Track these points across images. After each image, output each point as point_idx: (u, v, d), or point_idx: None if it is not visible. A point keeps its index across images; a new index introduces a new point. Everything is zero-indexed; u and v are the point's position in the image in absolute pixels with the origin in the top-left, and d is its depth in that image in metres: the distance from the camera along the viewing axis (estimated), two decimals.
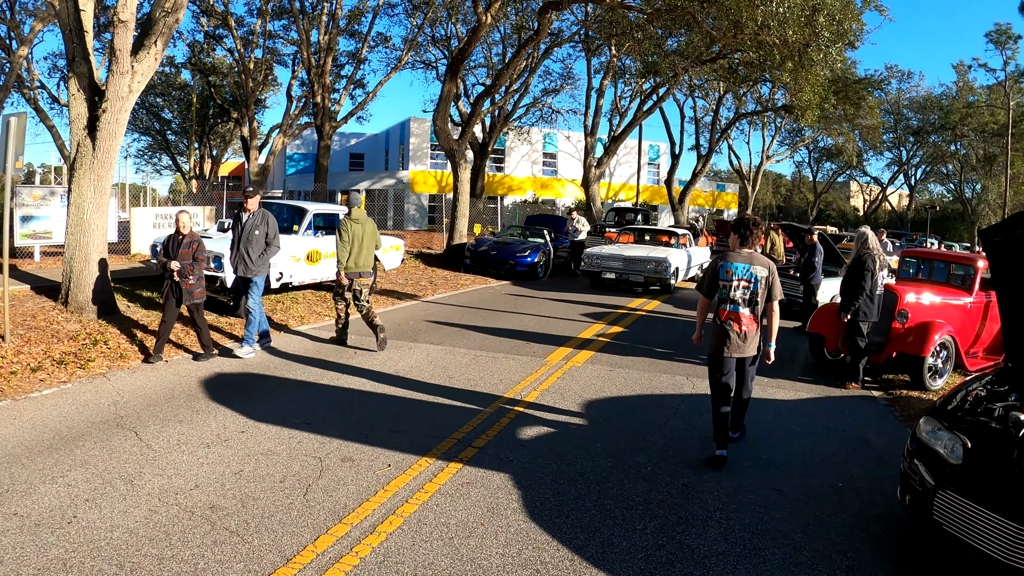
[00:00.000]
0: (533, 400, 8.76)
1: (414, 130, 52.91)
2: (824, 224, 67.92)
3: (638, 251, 21.18)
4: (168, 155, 57.37)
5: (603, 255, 21.05)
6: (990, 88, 57.89)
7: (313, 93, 31.81)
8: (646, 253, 20.80)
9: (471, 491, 5.89)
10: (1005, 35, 52.00)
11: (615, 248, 22.06)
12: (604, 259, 20.90)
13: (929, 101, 62.11)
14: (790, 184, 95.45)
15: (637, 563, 4.81)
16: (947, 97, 61.54)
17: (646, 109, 38.60)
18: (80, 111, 11.84)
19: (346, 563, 4.65)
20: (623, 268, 20.53)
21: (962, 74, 60.90)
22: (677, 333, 14.03)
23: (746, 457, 7.03)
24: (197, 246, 10.04)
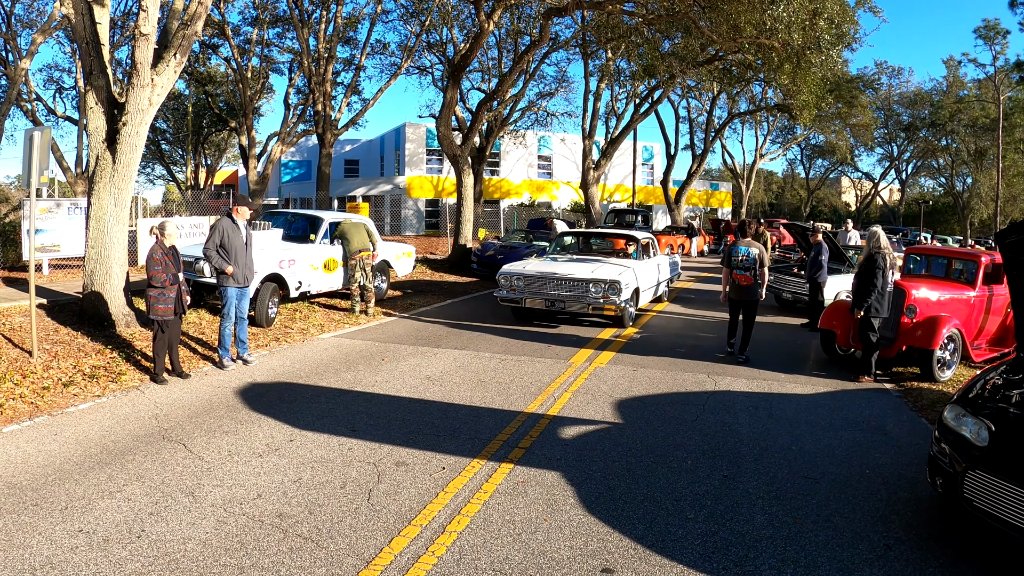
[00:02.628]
0: (566, 401, 9.05)
1: (409, 135, 53.00)
2: (816, 221, 68.30)
3: (577, 268, 14.21)
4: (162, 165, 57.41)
5: (526, 274, 14.20)
6: (980, 83, 58.37)
7: (314, 101, 31.94)
8: (589, 271, 13.89)
9: (528, 489, 6.16)
10: (994, 30, 52.52)
11: (543, 264, 14.98)
12: (528, 281, 14.14)
13: (919, 96, 62.53)
14: (782, 181, 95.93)
15: (696, 548, 5.11)
16: (938, 92, 61.99)
17: (643, 111, 38.90)
18: (98, 124, 11.94)
19: (425, 563, 4.87)
20: (556, 294, 13.86)
21: (952, 69, 61.41)
22: (692, 332, 14.45)
23: (777, 449, 7.32)
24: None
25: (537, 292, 14.09)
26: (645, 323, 15.31)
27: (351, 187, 52.61)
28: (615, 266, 14.52)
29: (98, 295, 11.79)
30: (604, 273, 13.80)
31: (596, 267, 14.31)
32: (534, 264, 15.01)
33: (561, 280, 13.94)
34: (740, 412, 8.70)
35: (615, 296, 13.44)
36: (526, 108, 40.00)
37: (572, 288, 13.82)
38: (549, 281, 14.06)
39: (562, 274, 13.96)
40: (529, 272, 14.24)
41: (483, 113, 26.41)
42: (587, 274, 13.78)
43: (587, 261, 15.21)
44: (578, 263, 14.90)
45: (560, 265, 14.65)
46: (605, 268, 14.21)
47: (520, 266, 14.76)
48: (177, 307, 9.64)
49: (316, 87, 31.42)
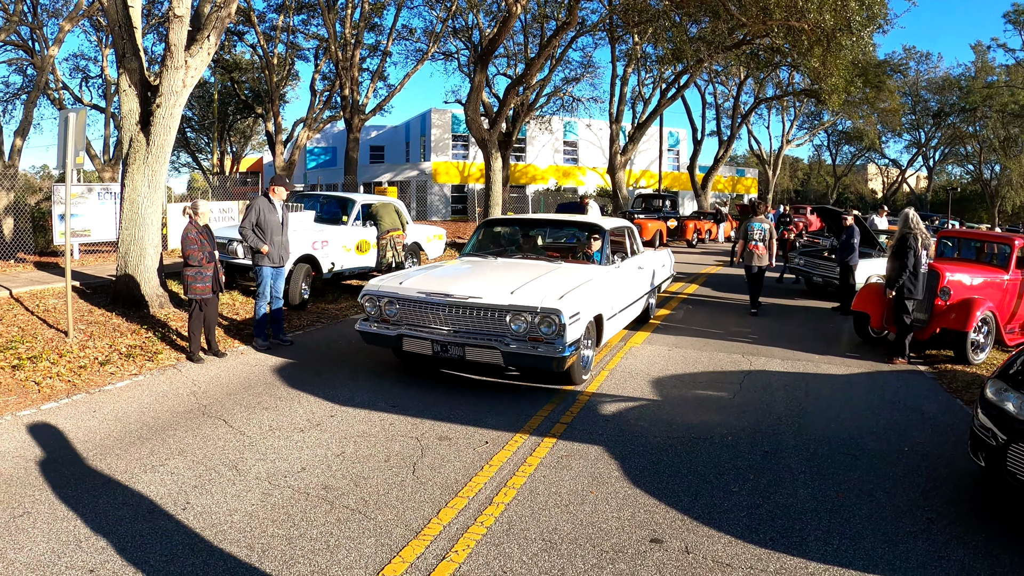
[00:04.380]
0: (603, 379, 9.13)
1: (435, 121, 52.99)
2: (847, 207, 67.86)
3: (489, 284, 8.73)
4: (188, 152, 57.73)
5: (402, 295, 8.74)
6: (1008, 68, 57.59)
7: (341, 86, 31.99)
8: (507, 291, 8.40)
9: (572, 463, 6.21)
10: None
11: (436, 275, 9.45)
12: (406, 307, 8.73)
13: (948, 82, 61.79)
14: (808, 168, 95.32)
15: (742, 520, 5.13)
16: (966, 78, 61.21)
17: (670, 96, 38.75)
18: (132, 106, 12.00)
19: (474, 533, 4.92)
20: (450, 331, 8.44)
21: (981, 55, 60.64)
22: (724, 314, 14.39)
23: (816, 426, 7.33)
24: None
25: (420, 326, 8.52)
26: (676, 305, 15.29)
27: (377, 173, 52.72)
28: (560, 279, 8.94)
29: (132, 277, 11.88)
30: (534, 294, 8.16)
31: (524, 282, 8.60)
32: (418, 278, 9.14)
33: (459, 307, 8.22)
34: (777, 391, 8.72)
35: (554, 336, 7.80)
36: (552, 93, 39.93)
37: (477, 321, 8.18)
38: (439, 309, 8.32)
39: (459, 297, 8.23)
40: (407, 292, 8.59)
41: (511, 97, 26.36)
42: (503, 296, 8.13)
43: (515, 269, 9.60)
44: (497, 273, 9.31)
45: (462, 278, 9.00)
46: (539, 285, 8.51)
47: (395, 281, 9.10)
48: (214, 285, 9.70)
49: (343, 72, 31.45)
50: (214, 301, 9.82)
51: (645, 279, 12.13)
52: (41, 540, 4.70)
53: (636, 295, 11.37)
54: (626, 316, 10.96)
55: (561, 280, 8.93)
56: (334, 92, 36.40)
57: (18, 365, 8.74)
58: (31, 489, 5.49)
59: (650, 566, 4.50)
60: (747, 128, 57.88)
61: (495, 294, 8.25)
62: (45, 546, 4.63)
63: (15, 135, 25.57)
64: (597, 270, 9.92)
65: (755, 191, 70.64)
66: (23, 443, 6.50)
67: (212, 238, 9.81)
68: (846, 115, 51.98)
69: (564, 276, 9.23)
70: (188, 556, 4.54)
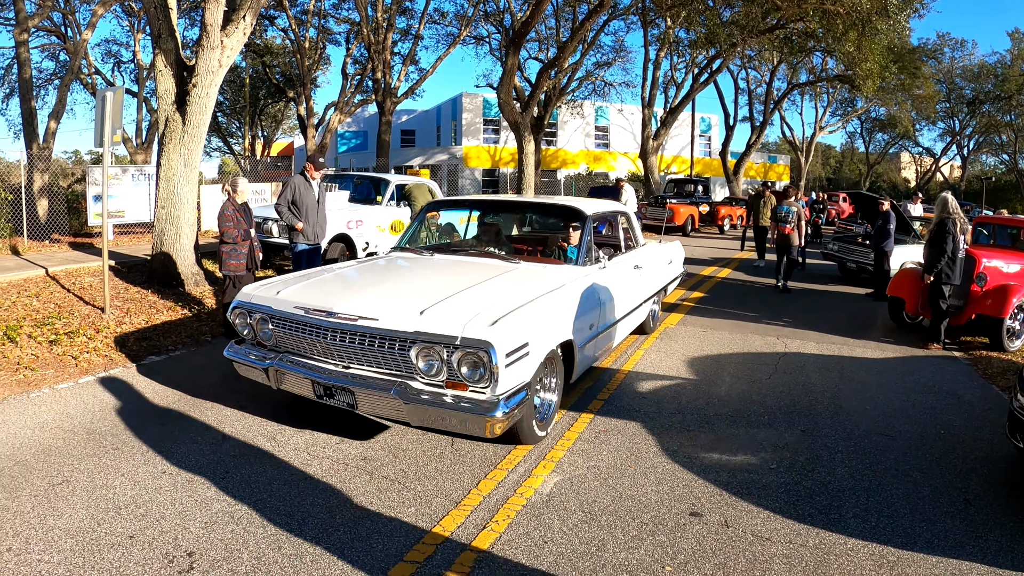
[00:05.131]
0: (639, 358, 9.14)
1: (466, 105, 52.96)
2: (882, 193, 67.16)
3: (397, 294, 6.06)
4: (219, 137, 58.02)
5: (276, 310, 6.09)
6: None
7: (374, 69, 31.99)
8: (416, 308, 5.57)
9: (610, 438, 6.26)
10: None
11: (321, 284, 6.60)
12: (281, 327, 6.07)
13: (984, 69, 60.86)
14: (840, 156, 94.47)
15: (781, 496, 5.16)
16: (1002, 65, 60.30)
17: (702, 81, 38.53)
18: (168, 86, 12.10)
19: (514, 504, 4.97)
20: (335, 367, 5.74)
21: (1017, 41, 59.68)
22: (757, 298, 14.36)
23: (851, 408, 7.31)
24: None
25: (302, 356, 6.01)
26: (710, 288, 15.26)
27: (408, 157, 52.79)
28: (508, 289, 6.30)
29: (167, 255, 12.03)
30: (456, 314, 5.52)
31: (449, 294, 5.93)
32: (305, 284, 6.57)
33: (345, 332, 5.67)
34: (812, 372, 8.70)
35: (482, 382, 5.28)
36: (584, 78, 39.83)
37: (371, 353, 5.60)
38: (320, 333, 5.78)
39: (346, 316, 5.68)
40: (282, 307, 6.11)
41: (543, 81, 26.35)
42: (408, 316, 5.53)
43: (449, 272, 7.03)
44: (418, 279, 6.85)
45: (362, 286, 6.57)
46: (469, 299, 5.87)
47: (272, 289, 6.45)
48: (249, 263, 9.76)
49: (375, 56, 31.46)
50: (248, 278, 9.81)
51: (645, 282, 9.21)
52: (80, 507, 4.78)
53: (630, 304, 8.47)
54: (616, 334, 8.06)
55: (509, 290, 6.13)
56: (365, 76, 36.46)
57: (55, 340, 8.85)
58: (69, 458, 5.58)
59: (690, 538, 4.52)
60: (780, 114, 57.51)
61: (398, 313, 5.45)
62: (84, 512, 4.71)
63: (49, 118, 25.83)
64: (571, 273, 7.13)
65: (787, 178, 70.19)
66: (61, 415, 6.60)
67: (249, 216, 9.87)
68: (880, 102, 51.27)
69: (516, 284, 6.39)
70: (228, 523, 4.60)
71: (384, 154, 32.30)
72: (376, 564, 4.15)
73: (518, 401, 5.35)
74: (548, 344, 5.85)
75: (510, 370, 5.23)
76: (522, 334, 5.42)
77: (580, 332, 6.55)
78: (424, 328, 5.32)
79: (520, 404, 5.38)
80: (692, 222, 30.10)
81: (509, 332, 5.29)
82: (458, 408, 5.17)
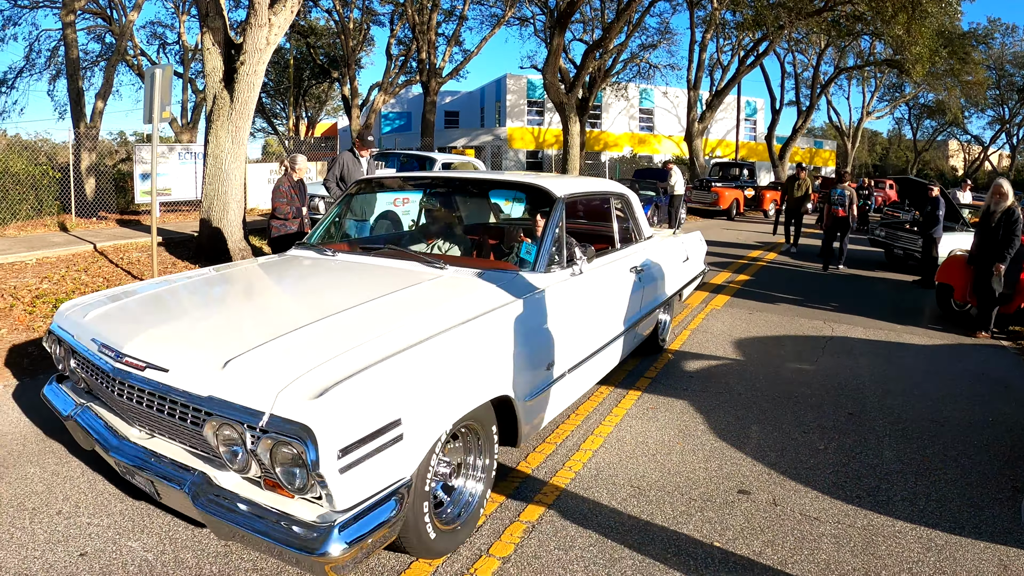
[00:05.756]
0: (686, 338, 9.18)
1: (510, 87, 52.82)
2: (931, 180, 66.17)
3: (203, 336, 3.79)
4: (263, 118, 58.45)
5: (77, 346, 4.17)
6: None
7: (418, 50, 32.09)
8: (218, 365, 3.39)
9: (657, 415, 6.30)
10: None
11: (141, 305, 4.62)
12: (84, 367, 4.20)
13: None
14: (886, 142, 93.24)
15: (828, 477, 5.16)
16: None
17: (749, 63, 38.19)
18: (215, 64, 12.22)
19: (563, 476, 5.03)
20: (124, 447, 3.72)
21: None
22: (803, 282, 14.27)
23: (899, 392, 7.27)
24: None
25: (108, 408, 4.11)
26: (755, 271, 15.17)
27: (452, 138, 52.80)
28: (398, 314, 4.11)
29: (215, 230, 12.17)
30: (277, 364, 3.39)
31: (296, 324, 3.85)
32: (118, 306, 4.56)
33: (132, 385, 3.71)
34: (859, 356, 8.65)
35: (308, 488, 3.15)
36: (628, 60, 39.65)
37: (162, 421, 3.62)
38: (108, 382, 3.89)
39: (134, 360, 3.66)
40: (80, 338, 4.23)
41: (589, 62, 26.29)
42: (206, 370, 3.44)
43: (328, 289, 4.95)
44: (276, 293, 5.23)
45: (183, 309, 4.75)
46: (322, 332, 3.77)
47: (83, 311, 4.50)
48: (296, 239, 9.85)
49: (420, 36, 31.52)
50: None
51: (648, 288, 6.92)
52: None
53: (620, 321, 6.19)
54: (597, 367, 5.80)
55: (397, 320, 3.98)
56: (409, 57, 36.58)
57: None
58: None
59: (738, 515, 4.55)
60: (826, 99, 56.74)
61: (195, 363, 3.52)
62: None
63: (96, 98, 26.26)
64: (520, 284, 4.86)
65: (832, 164, 69.38)
66: None
67: (304, 194, 9.93)
68: (928, 87, 50.50)
69: (416, 308, 4.23)
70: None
71: (429, 134, 32.37)
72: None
73: (379, 523, 3.23)
74: (454, 412, 3.70)
75: (359, 472, 3.14)
76: (384, 406, 3.26)
77: (527, 378, 4.44)
78: (219, 392, 3.28)
79: (385, 525, 3.25)
80: (737, 206, 29.92)
81: (351, 407, 3.12)
82: (269, 534, 3.14)
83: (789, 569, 3.94)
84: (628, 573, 3.86)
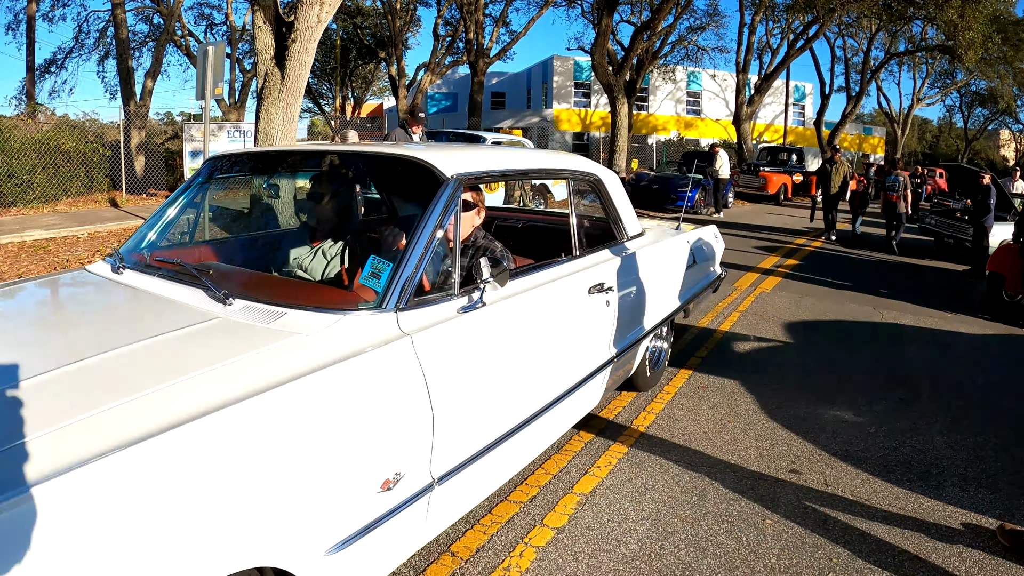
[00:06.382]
0: (735, 320, 9.21)
1: (557, 68, 52.66)
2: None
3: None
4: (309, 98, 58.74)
5: None
6: None
7: (466, 30, 32.12)
8: None
9: (708, 394, 6.34)
10: None
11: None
12: None
13: None
14: (936, 130, 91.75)
15: (878, 459, 5.17)
16: None
17: (798, 47, 37.78)
18: (266, 42, 12.31)
19: (615, 451, 5.08)
20: None
21: None
22: (851, 268, 14.19)
23: (950, 379, 7.23)
24: None
25: None
26: (804, 256, 15.07)
27: (498, 119, 52.81)
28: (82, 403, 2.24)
29: None
30: None
31: None
32: None
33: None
34: (909, 343, 8.62)
35: None
36: (676, 42, 39.41)
37: None
38: None
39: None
40: None
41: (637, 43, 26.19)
42: None
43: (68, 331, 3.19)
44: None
45: None
46: None
47: None
48: None
49: (467, 15, 31.53)
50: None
51: (623, 315, 4.95)
52: None
53: (556, 382, 4.19)
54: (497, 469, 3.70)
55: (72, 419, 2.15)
56: (456, 37, 36.62)
57: None
58: None
59: (789, 494, 4.59)
60: (876, 84, 55.92)
61: None
62: None
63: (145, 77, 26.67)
64: (341, 337, 2.90)
65: (881, 151, 68.51)
66: None
67: None
68: (981, 74, 49.59)
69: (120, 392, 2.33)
70: None
71: (476, 114, 32.44)
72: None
73: None
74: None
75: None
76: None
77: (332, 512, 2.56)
78: None
79: None
80: (785, 191, 29.76)
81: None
82: None
83: (840, 549, 3.98)
84: (681, 547, 3.93)
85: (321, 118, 59.79)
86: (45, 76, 36.39)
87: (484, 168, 3.85)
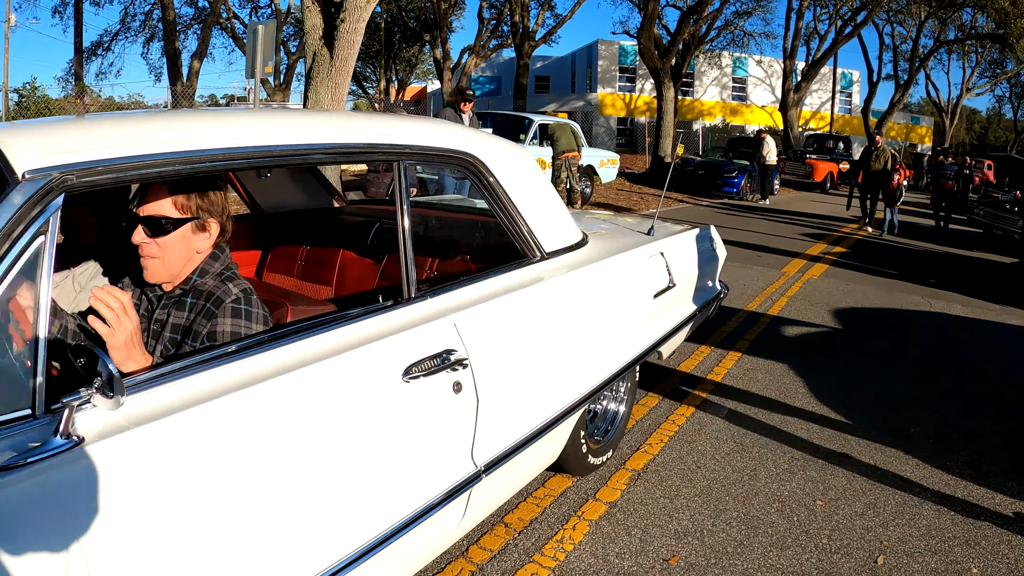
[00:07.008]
0: (783, 305, 9.22)
1: (602, 52, 52.47)
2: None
3: None
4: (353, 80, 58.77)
5: None
6: None
7: (511, 13, 32.13)
8: None
9: (758, 375, 6.38)
10: None
11: None
12: None
13: None
14: (985, 121, 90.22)
15: (928, 446, 5.17)
16: None
17: (846, 33, 37.35)
18: (315, 22, 12.37)
19: (666, 430, 5.14)
20: None
21: None
22: (899, 257, 14.07)
23: (998, 370, 7.20)
24: None
25: None
26: (851, 244, 14.97)
27: (543, 103, 52.70)
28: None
29: None
30: None
31: None
32: None
33: None
34: (959, 332, 8.60)
35: None
36: (723, 27, 39.11)
37: None
38: None
39: None
40: None
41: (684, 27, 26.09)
42: None
43: None
44: None
45: None
46: None
47: None
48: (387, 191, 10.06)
49: None
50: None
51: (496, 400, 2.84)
52: None
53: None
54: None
55: None
56: (501, 20, 36.58)
57: None
58: None
59: (839, 476, 4.61)
60: (925, 73, 55.11)
61: None
62: None
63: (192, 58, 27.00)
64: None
65: (929, 141, 67.50)
66: None
67: None
68: None
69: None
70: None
71: (521, 97, 32.44)
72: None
73: None
74: None
75: None
76: None
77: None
78: None
79: None
80: (831, 179, 29.53)
81: None
82: None
83: (891, 531, 4.00)
84: (732, 524, 3.97)
85: (364, 100, 59.97)
86: (92, 58, 36.86)
87: (137, 151, 1.90)
